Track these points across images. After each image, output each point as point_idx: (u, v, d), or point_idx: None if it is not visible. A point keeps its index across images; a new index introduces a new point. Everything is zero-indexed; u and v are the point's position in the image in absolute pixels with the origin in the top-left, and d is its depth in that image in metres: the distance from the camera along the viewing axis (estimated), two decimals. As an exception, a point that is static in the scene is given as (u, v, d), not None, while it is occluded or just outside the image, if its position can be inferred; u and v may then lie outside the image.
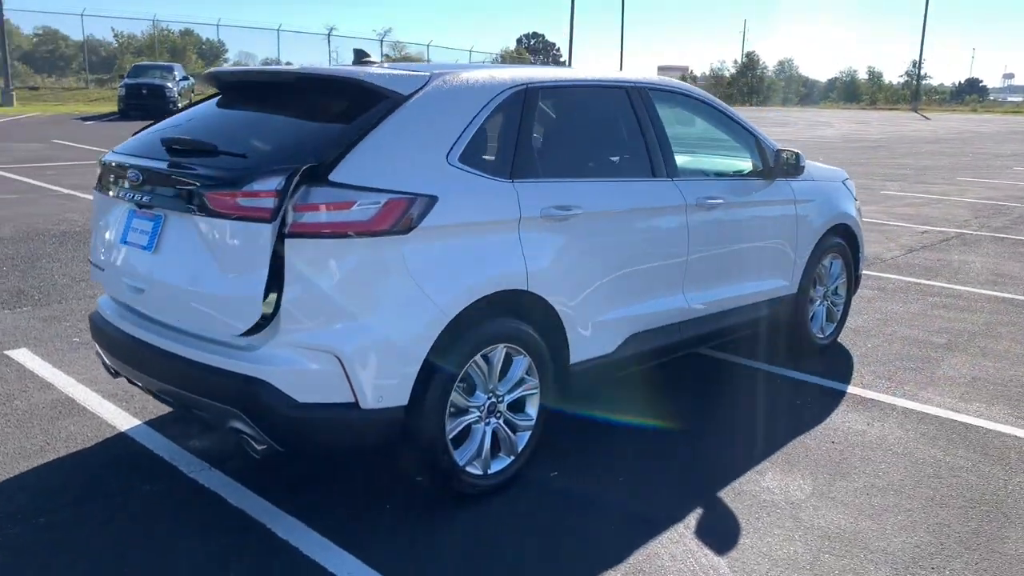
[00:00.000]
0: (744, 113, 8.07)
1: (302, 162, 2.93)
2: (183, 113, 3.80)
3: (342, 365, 2.95)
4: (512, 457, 3.52)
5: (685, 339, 4.31)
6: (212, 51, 59.78)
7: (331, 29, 52.15)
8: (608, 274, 3.78)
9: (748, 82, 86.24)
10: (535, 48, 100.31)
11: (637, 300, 3.97)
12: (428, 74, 3.40)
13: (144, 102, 29.36)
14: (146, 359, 3.29)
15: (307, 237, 2.91)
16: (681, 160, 4.85)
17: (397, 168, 3.08)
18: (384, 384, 3.02)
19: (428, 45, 57.30)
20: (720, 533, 3.24)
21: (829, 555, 3.10)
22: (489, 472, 3.43)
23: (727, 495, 3.54)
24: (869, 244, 9.10)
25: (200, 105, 3.79)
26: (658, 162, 4.09)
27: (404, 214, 3.00)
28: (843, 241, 5.38)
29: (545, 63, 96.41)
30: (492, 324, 3.33)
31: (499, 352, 3.37)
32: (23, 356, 5.02)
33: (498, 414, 3.45)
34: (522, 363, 3.48)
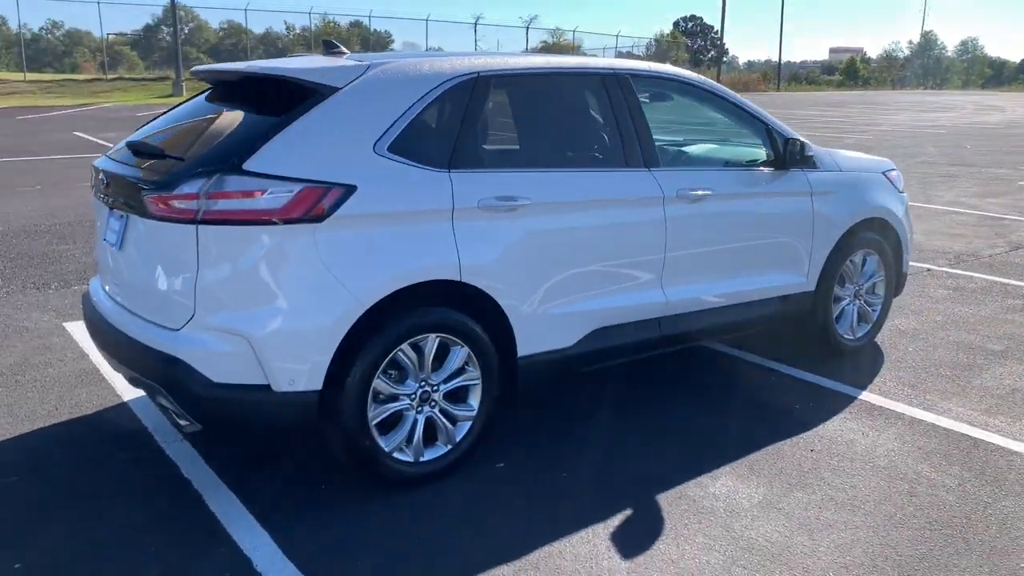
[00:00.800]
0: (912, 97, 7.54)
1: (227, 161, 3.05)
2: (177, 109, 3.99)
3: (253, 349, 3.06)
4: (449, 447, 3.53)
5: (668, 335, 4.16)
6: (379, 42, 62.49)
7: (478, 18, 53.21)
8: (564, 267, 3.70)
9: (924, 63, 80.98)
10: (692, 31, 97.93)
11: (602, 294, 3.87)
12: (367, 65, 3.44)
13: None
14: (108, 340, 3.52)
15: (220, 224, 3.03)
16: (680, 150, 4.68)
17: (315, 158, 3.14)
18: (295, 368, 3.10)
19: (574, 31, 57.13)
20: (639, 537, 3.14)
21: (742, 569, 2.94)
22: (421, 460, 3.46)
23: (667, 498, 3.41)
24: (975, 239, 8.43)
25: (189, 102, 3.98)
26: (633, 152, 3.96)
27: (316, 203, 3.07)
28: (879, 237, 5.00)
29: (703, 46, 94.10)
30: (421, 313, 3.34)
31: (431, 341, 3.38)
32: (77, 328, 5.46)
33: (432, 403, 3.47)
34: (460, 353, 3.48)
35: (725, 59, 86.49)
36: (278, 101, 3.33)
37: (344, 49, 3.87)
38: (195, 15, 75.78)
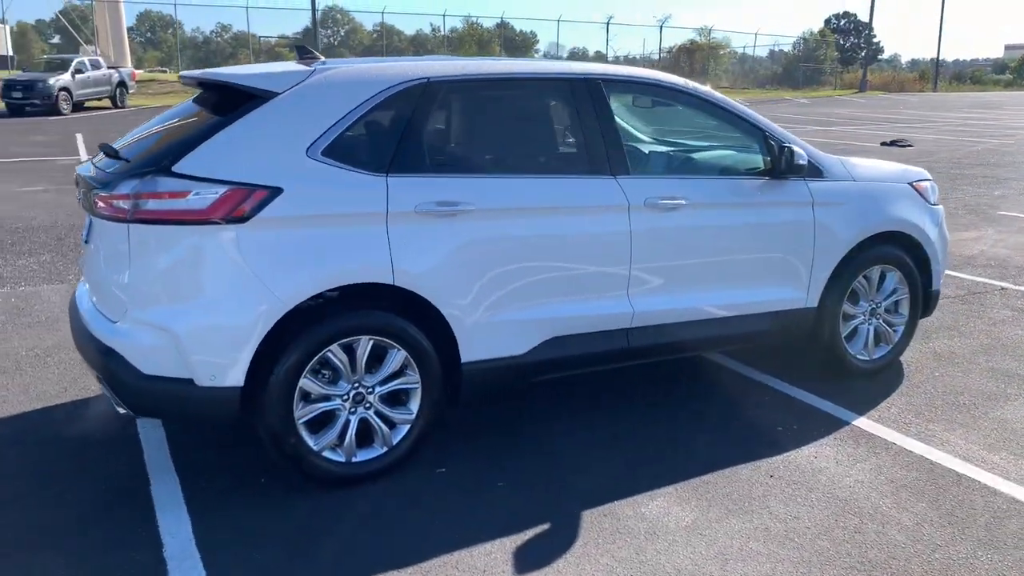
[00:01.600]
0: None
1: (160, 163, 3.20)
2: (163, 113, 4.16)
3: (177, 343, 3.19)
4: (385, 449, 3.55)
5: (639, 348, 4.03)
6: (524, 42, 63.68)
7: (610, 18, 53.10)
8: (513, 274, 3.65)
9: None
10: (844, 29, 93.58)
11: (558, 302, 3.79)
12: (310, 70, 3.51)
13: None
14: (75, 332, 3.74)
15: (148, 223, 3.17)
16: (671, 157, 4.54)
17: (245, 160, 3.24)
18: (216, 363, 3.21)
19: (709, 29, 55.85)
20: (543, 553, 3.07)
21: (633, 595, 2.82)
22: (354, 461, 3.50)
23: (593, 514, 3.31)
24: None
25: (177, 105, 4.16)
26: (599, 159, 3.85)
27: (240, 204, 3.16)
28: (901, 251, 4.66)
29: (855, 44, 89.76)
30: (351, 315, 3.39)
31: (364, 344, 3.42)
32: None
33: (368, 405, 3.50)
34: (397, 356, 3.50)
35: (883, 57, 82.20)
36: (225, 106, 3.45)
37: (318, 55, 3.96)
38: (351, 18, 79.81)
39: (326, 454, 3.45)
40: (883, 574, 2.94)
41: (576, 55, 59.20)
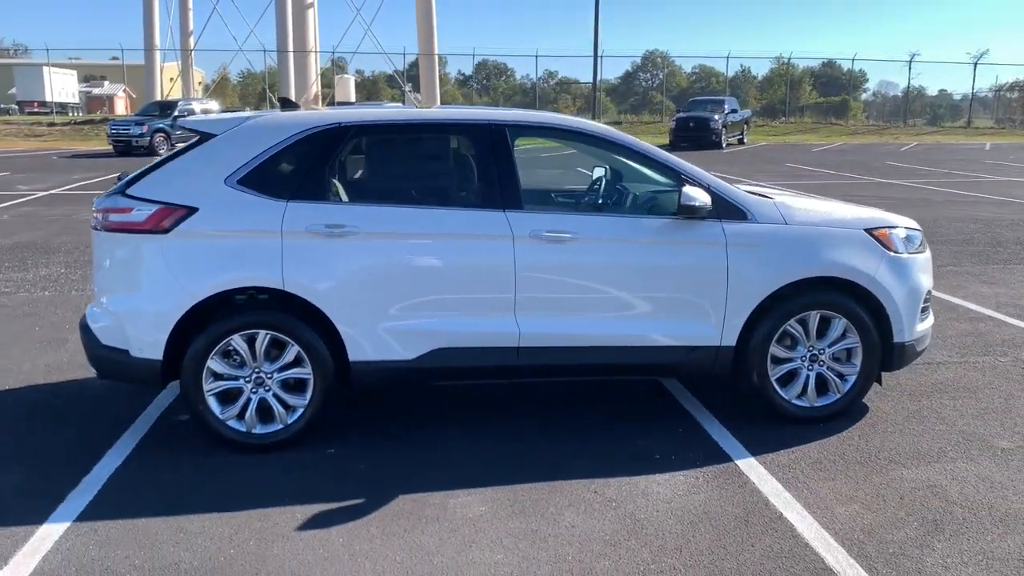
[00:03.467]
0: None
1: (123, 187, 4.28)
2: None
3: (119, 322, 4.22)
4: (281, 425, 4.32)
5: (530, 366, 4.43)
6: (851, 80, 62.81)
7: (913, 55, 49.96)
8: (396, 288, 4.26)
9: None
10: None
11: (442, 317, 4.32)
12: (246, 117, 4.41)
13: (690, 134, 31.85)
14: None
15: (105, 231, 4.25)
16: (585, 196, 4.89)
17: (176, 186, 4.22)
18: (143, 340, 4.19)
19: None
20: (336, 519, 3.65)
21: (382, 566, 3.33)
22: (254, 432, 4.31)
23: (403, 501, 3.82)
24: None
25: None
26: (492, 194, 4.35)
27: (163, 219, 4.14)
28: (849, 299, 4.56)
29: None
30: (251, 312, 4.22)
31: (262, 336, 4.23)
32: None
33: (267, 388, 4.30)
34: (292, 350, 4.27)
35: None
36: (190, 144, 4.47)
37: (296, 104, 4.86)
38: (670, 62, 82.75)
39: (231, 423, 4.29)
40: (589, 582, 3.17)
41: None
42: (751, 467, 4.16)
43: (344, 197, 4.43)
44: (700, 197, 4.34)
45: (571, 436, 4.54)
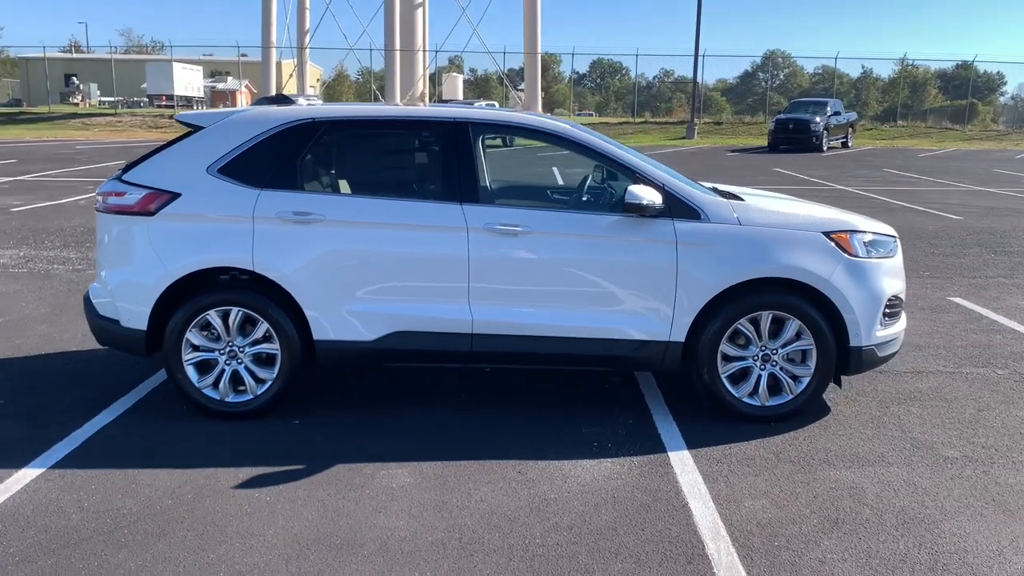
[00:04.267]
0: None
1: (120, 173, 4.75)
2: None
3: (111, 294, 4.69)
4: (251, 396, 4.71)
5: (482, 352, 4.67)
6: (988, 83, 60.40)
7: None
8: (357, 272, 4.58)
9: None
10: None
11: (401, 302, 4.61)
12: (232, 111, 4.81)
13: (790, 136, 31.17)
14: None
15: (103, 213, 4.73)
16: (546, 191, 5.07)
17: (164, 173, 4.66)
18: (130, 310, 4.66)
19: None
20: (271, 488, 3.99)
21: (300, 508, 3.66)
22: (227, 400, 4.71)
23: (338, 470, 4.13)
24: None
25: None
26: (452, 187, 4.61)
27: (150, 203, 4.58)
28: (802, 301, 4.59)
29: None
30: (224, 291, 4.62)
31: (235, 313, 4.62)
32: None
33: (239, 360, 4.69)
34: (262, 327, 4.65)
35: None
36: (181, 135, 4.91)
37: (293, 99, 5.25)
38: (792, 62, 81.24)
39: (206, 391, 4.71)
40: (412, 546, 3.43)
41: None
42: (681, 459, 4.28)
43: (314, 187, 4.78)
44: (647, 196, 4.48)
45: (527, 421, 4.76)
